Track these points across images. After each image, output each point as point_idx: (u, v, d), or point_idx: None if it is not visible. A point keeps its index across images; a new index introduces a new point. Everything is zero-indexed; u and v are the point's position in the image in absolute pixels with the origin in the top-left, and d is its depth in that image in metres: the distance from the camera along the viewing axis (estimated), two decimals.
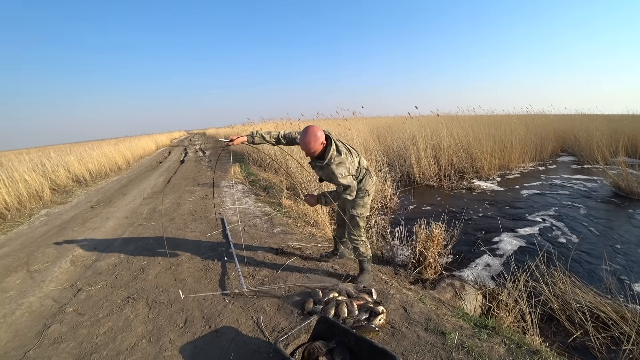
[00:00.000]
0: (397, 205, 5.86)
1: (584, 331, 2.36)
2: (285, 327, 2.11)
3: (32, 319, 2.44)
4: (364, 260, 2.64)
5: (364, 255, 2.60)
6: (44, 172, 8.14)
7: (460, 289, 2.90)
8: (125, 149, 14.52)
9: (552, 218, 5.00)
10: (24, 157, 10.11)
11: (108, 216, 5.19)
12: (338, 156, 2.22)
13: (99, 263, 3.37)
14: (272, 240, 3.67)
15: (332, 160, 2.20)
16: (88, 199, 6.85)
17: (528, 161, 9.71)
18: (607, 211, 5.37)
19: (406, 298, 2.44)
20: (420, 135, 8.14)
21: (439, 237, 3.32)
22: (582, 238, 4.19)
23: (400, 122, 10.95)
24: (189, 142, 28.73)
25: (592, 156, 9.13)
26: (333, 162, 2.20)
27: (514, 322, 2.40)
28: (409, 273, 3.19)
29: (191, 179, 8.20)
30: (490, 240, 4.21)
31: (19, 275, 3.22)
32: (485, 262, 3.60)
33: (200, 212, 5.04)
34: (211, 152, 15.57)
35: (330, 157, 2.19)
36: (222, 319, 2.24)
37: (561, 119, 13.66)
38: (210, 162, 11.76)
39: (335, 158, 2.21)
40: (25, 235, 4.54)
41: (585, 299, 2.57)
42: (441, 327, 2.07)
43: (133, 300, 2.59)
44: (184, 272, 3.01)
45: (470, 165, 8.20)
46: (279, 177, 7.47)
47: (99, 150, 12.32)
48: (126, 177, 9.86)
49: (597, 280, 3.17)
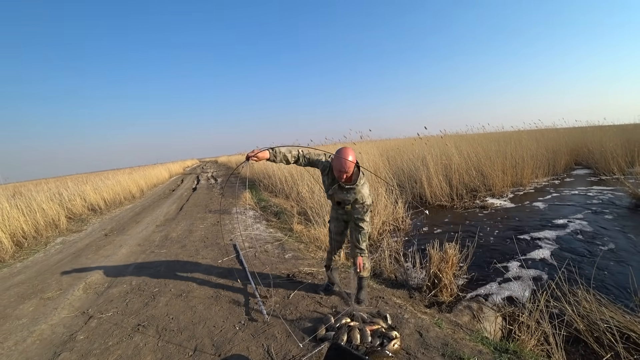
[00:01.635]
0: (410, 227, 5.76)
1: (615, 353, 2.21)
2: (296, 355, 2.05)
3: (43, 347, 2.44)
4: (363, 277, 2.64)
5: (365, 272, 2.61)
6: (60, 201, 8.36)
7: (478, 311, 2.78)
8: (139, 177, 14.85)
9: (570, 233, 4.82)
10: (43, 187, 10.43)
11: (121, 244, 5.24)
12: (363, 177, 2.34)
13: (111, 290, 3.37)
14: (283, 265, 3.64)
15: (361, 180, 2.30)
16: (102, 227, 6.95)
17: (541, 176, 9.53)
18: (627, 223, 5.15)
19: (421, 322, 2.36)
20: (430, 156, 8.12)
21: (454, 258, 3.23)
22: (604, 253, 4.00)
23: (409, 143, 10.97)
24: (202, 169, 29.22)
25: (607, 167, 8.93)
26: (360, 183, 2.29)
27: (537, 345, 2.28)
28: (424, 296, 3.10)
29: (203, 206, 8.28)
30: (507, 259, 4.07)
31: (32, 302, 3.25)
32: (503, 282, 3.46)
33: (212, 238, 5.05)
34: (223, 180, 15.77)
35: (360, 179, 2.29)
36: (232, 347, 2.19)
37: (572, 132, 13.49)
38: (222, 189, 11.89)
39: (362, 178, 2.32)
40: (41, 263, 4.61)
41: (614, 319, 2.43)
42: (459, 352, 1.97)
43: (143, 328, 2.57)
44: (194, 299, 2.99)
45: (482, 183, 8.07)
46: (290, 203, 7.47)
47: (114, 180, 12.63)
48: (140, 205, 10.03)
49: (623, 297, 3.01)
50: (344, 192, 2.35)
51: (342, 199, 2.38)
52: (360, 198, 2.29)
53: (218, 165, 35.17)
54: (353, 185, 2.27)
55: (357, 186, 2.27)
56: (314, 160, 2.44)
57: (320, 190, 6.22)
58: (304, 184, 7.15)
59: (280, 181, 8.95)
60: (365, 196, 2.30)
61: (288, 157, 2.38)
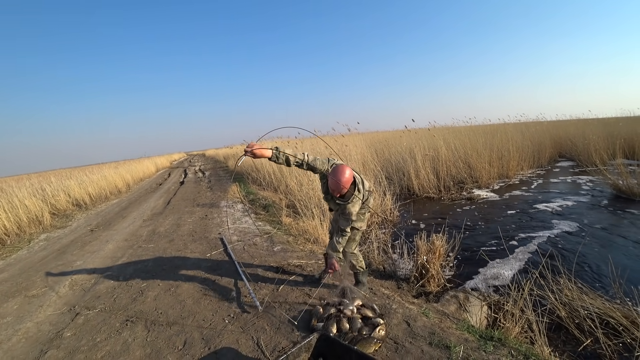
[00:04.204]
0: (398, 219, 5.82)
1: (595, 339, 2.30)
2: (285, 346, 2.06)
3: (29, 345, 2.39)
4: (359, 272, 2.74)
5: (357, 268, 2.71)
6: (44, 197, 8.15)
7: (464, 300, 2.85)
8: (126, 172, 14.55)
9: (554, 224, 4.95)
10: (25, 182, 10.13)
11: (107, 239, 5.16)
12: (359, 193, 2.31)
13: (97, 286, 3.32)
14: (272, 258, 3.64)
15: (354, 199, 2.28)
16: (88, 222, 6.82)
17: (527, 168, 9.74)
18: (608, 214, 5.33)
19: (409, 312, 2.40)
20: (417, 148, 8.19)
21: (441, 249, 3.29)
22: (586, 242, 4.13)
23: (397, 136, 11.02)
24: (189, 163, 28.83)
25: (590, 160, 9.17)
26: (353, 201, 2.28)
27: (521, 332, 2.35)
28: (412, 287, 3.15)
29: (191, 200, 8.19)
30: (493, 249, 4.17)
31: (16, 300, 3.18)
32: (489, 272, 3.54)
33: (200, 232, 5.01)
34: (211, 173, 15.60)
35: (353, 197, 2.28)
36: (221, 340, 2.19)
37: (556, 125, 13.77)
38: (210, 182, 11.77)
39: (355, 197, 2.29)
40: (24, 261, 4.50)
41: (594, 305, 2.52)
42: (446, 340, 2.02)
43: (131, 323, 2.54)
44: (183, 293, 2.97)
45: (469, 175, 8.20)
46: (279, 196, 7.46)
47: (99, 174, 12.37)
48: (126, 199, 9.86)
49: (604, 285, 3.12)
50: (332, 202, 2.43)
51: (334, 207, 2.51)
52: (348, 213, 2.29)
53: (206, 158, 34.75)
54: (345, 201, 2.29)
55: (348, 203, 2.28)
56: (316, 167, 2.34)
57: (308, 183, 6.23)
58: (292, 177, 7.14)
59: (269, 174, 8.91)
60: (353, 212, 2.29)
61: (291, 160, 2.29)
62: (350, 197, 2.27)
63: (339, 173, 2.15)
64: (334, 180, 2.16)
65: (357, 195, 2.28)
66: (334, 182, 2.16)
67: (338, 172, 2.16)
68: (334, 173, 2.17)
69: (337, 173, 2.16)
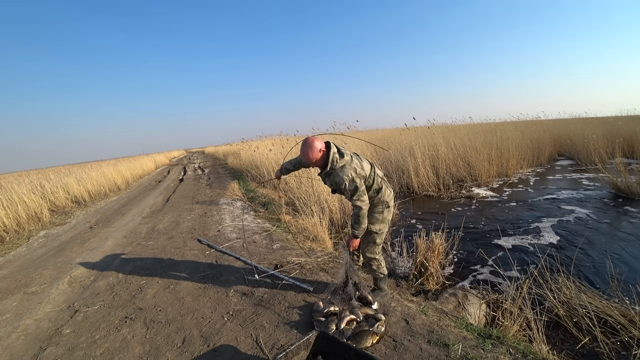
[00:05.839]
0: (397, 217, 5.83)
1: (592, 337, 2.31)
2: (284, 343, 2.07)
3: (28, 342, 2.40)
4: (378, 277, 2.56)
5: (378, 273, 2.53)
6: (43, 194, 8.14)
7: (463, 298, 2.85)
8: (125, 169, 14.53)
9: (553, 222, 4.96)
10: (24, 179, 10.12)
11: (107, 236, 5.15)
12: (341, 159, 2.17)
13: (97, 283, 3.33)
14: (271, 256, 3.64)
15: (335, 163, 2.16)
16: (87, 219, 6.81)
17: (526, 167, 9.73)
18: (607, 213, 5.34)
19: (408, 310, 2.40)
20: (417, 146, 8.18)
21: (440, 247, 3.29)
22: (585, 241, 4.14)
23: (397, 134, 11.02)
24: (188, 160, 28.80)
25: (589, 159, 9.18)
26: (336, 165, 2.16)
27: (519, 330, 2.36)
28: (411, 285, 3.15)
29: (190, 197, 8.18)
30: (492, 247, 4.18)
31: (15, 297, 3.18)
32: (488, 270, 3.55)
33: (199, 230, 5.01)
34: (210, 170, 15.58)
35: (333, 161, 2.15)
36: (220, 337, 2.20)
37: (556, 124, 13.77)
38: (209, 180, 11.76)
39: (337, 161, 2.16)
40: (23, 257, 4.50)
41: (592, 304, 2.53)
42: (444, 338, 2.02)
43: (131, 321, 2.54)
44: (182, 290, 2.97)
45: (469, 174, 8.20)
46: (278, 193, 7.45)
47: (98, 171, 12.33)
48: (125, 197, 9.85)
49: (602, 283, 3.13)
50: (327, 178, 2.28)
51: (330, 185, 2.31)
52: (341, 182, 2.14)
53: (205, 155, 34.69)
54: (330, 170, 2.19)
55: (334, 170, 2.17)
56: (298, 161, 2.64)
57: (307, 180, 6.24)
58: (292, 174, 7.14)
59: (268, 171, 8.91)
60: (344, 178, 2.12)
61: (290, 167, 2.72)
62: (331, 160, 2.15)
63: (302, 146, 2.21)
64: (301, 152, 2.22)
65: (333, 157, 2.15)
66: (302, 154, 2.22)
67: (302, 145, 2.22)
68: (301, 146, 2.23)
69: (301, 147, 2.22)
